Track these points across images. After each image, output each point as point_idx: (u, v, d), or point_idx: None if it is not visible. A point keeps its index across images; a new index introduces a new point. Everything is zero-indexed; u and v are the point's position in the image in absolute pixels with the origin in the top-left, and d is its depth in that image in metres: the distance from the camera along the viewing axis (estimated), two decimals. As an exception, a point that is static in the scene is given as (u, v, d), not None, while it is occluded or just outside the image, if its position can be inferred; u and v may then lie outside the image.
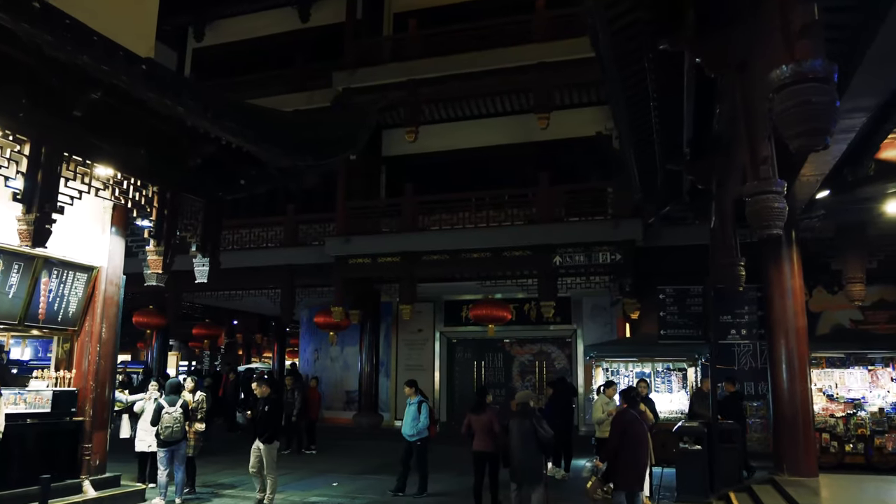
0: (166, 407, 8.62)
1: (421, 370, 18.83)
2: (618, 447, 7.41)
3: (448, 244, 15.34)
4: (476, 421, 8.96)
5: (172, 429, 8.50)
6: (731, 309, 9.71)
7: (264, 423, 8.72)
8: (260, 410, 8.79)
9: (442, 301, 19.02)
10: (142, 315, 18.74)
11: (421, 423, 9.84)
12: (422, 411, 9.95)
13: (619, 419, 7.68)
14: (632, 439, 7.35)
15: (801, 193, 8.38)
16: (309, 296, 17.80)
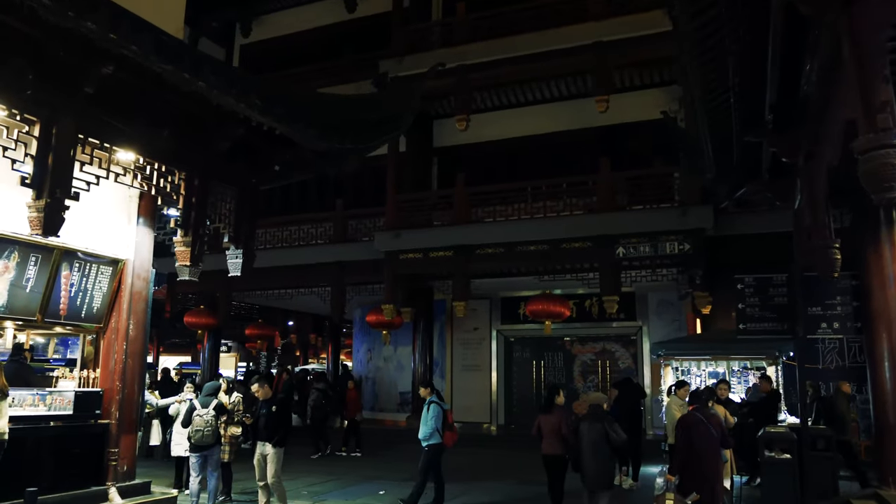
0: (198, 409, 8.06)
1: (477, 370, 18.04)
2: (686, 456, 6.60)
3: (502, 237, 14.49)
4: (545, 422, 8.43)
5: (203, 432, 7.93)
6: (822, 300, 8.57)
7: (274, 425, 8.00)
8: (264, 414, 8.08)
9: (498, 298, 18.17)
10: (193, 315, 18.48)
11: (427, 426, 8.96)
12: (430, 412, 9.00)
13: (682, 424, 6.88)
14: (696, 446, 6.56)
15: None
16: (359, 293, 17.21)
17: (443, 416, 8.97)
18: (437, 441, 8.95)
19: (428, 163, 17.68)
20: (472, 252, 14.80)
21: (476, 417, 17.65)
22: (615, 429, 7.16)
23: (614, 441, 7.08)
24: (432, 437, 8.92)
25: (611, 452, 7.23)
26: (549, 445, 8.34)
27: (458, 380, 18.15)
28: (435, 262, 15.22)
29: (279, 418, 8.07)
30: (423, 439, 9.02)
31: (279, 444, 8.01)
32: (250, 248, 8.60)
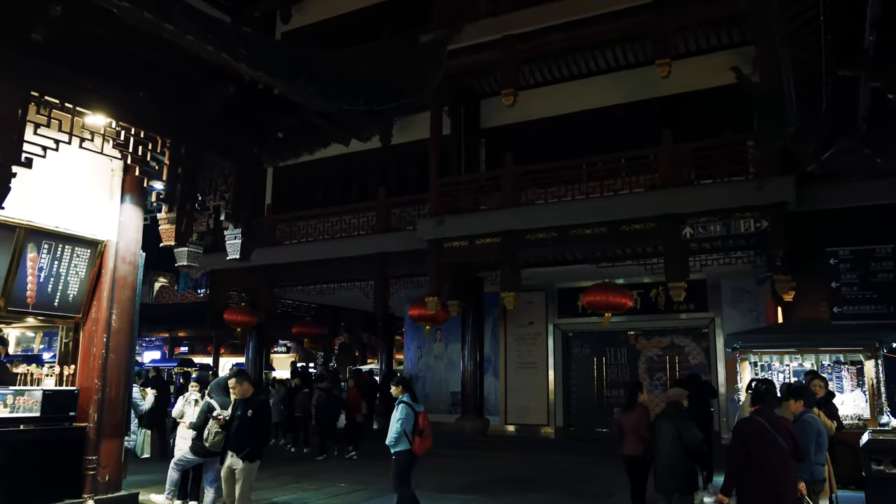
0: (217, 409, 7.05)
1: (533, 368, 16.69)
2: (741, 472, 5.22)
3: (555, 220, 13.12)
4: (626, 421, 7.95)
5: (223, 435, 6.91)
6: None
7: (246, 433, 6.56)
8: (238, 417, 6.63)
9: (555, 289, 16.76)
10: (233, 313, 17.75)
11: (393, 431, 7.61)
12: (398, 413, 7.65)
13: (738, 431, 5.51)
14: (756, 459, 5.16)
15: None
16: (404, 287, 16.10)
17: (414, 420, 7.62)
18: (404, 448, 7.61)
19: (475, 145, 16.43)
20: (522, 238, 13.48)
21: (532, 419, 16.31)
22: (689, 428, 6.80)
23: (687, 441, 6.68)
24: (399, 443, 7.59)
25: (685, 454, 6.78)
26: (629, 446, 7.81)
27: (513, 379, 16.83)
28: (482, 249, 13.96)
29: (256, 425, 6.65)
30: (389, 446, 7.76)
31: (251, 458, 6.58)
32: (251, 227, 7.56)
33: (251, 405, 6.66)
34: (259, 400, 6.89)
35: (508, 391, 16.75)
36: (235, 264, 17.99)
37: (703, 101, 13.96)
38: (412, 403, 7.71)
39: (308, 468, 12.70)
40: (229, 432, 6.75)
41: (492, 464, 13.10)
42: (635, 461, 7.80)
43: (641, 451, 7.66)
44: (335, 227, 16.87)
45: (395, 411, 7.68)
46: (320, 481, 11.11)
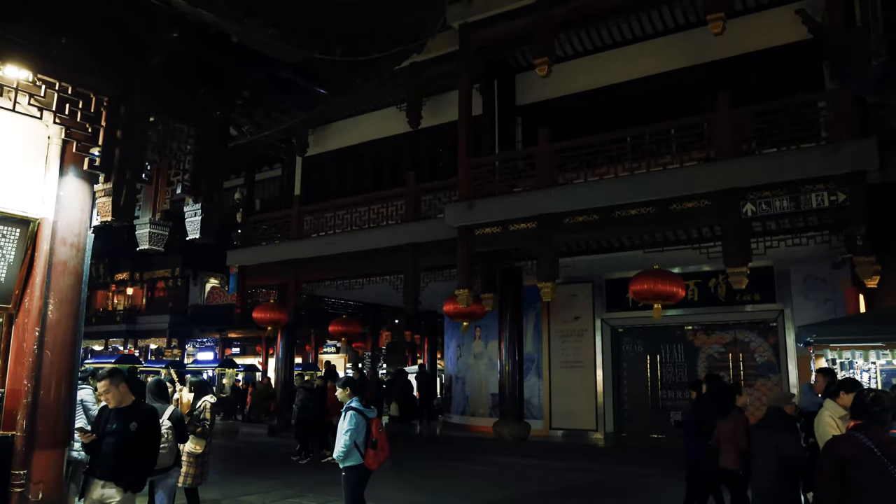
0: None
1: (579, 367, 15.25)
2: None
3: (596, 201, 11.67)
4: (722, 428, 7.03)
5: (167, 447, 5.81)
6: None
7: (129, 454, 5.05)
8: (114, 432, 5.05)
9: (602, 280, 15.29)
10: (261, 310, 16.82)
11: (342, 443, 6.37)
12: (344, 423, 6.43)
13: (829, 452, 3.83)
14: (859, 496, 3.54)
15: None
16: (436, 280, 14.85)
17: (366, 429, 6.41)
18: (355, 462, 6.40)
19: (510, 124, 15.08)
20: (560, 221, 12.07)
21: (579, 424, 14.86)
22: (789, 441, 5.82)
23: (784, 455, 5.68)
24: (349, 457, 6.38)
25: (784, 470, 5.73)
26: (725, 457, 6.90)
27: (557, 379, 15.40)
28: (516, 235, 12.60)
29: (139, 445, 5.05)
30: (338, 461, 6.53)
31: (135, 487, 5.10)
32: (213, 202, 6.43)
33: (135, 416, 5.11)
34: (145, 409, 5.27)
35: (553, 393, 15.35)
36: (264, 259, 17.36)
37: (762, 63, 12.38)
38: (363, 409, 6.48)
39: (316, 478, 11.60)
40: (97, 453, 5.18)
41: (531, 474, 11.75)
42: (731, 476, 6.90)
43: (738, 463, 6.70)
44: (363, 217, 15.77)
45: (342, 419, 6.45)
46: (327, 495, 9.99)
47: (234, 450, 15.09)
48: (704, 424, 7.57)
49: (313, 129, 18.04)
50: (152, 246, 6.83)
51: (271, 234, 17.53)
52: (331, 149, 18.41)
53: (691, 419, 8.35)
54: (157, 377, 6.55)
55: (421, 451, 14.30)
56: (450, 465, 12.66)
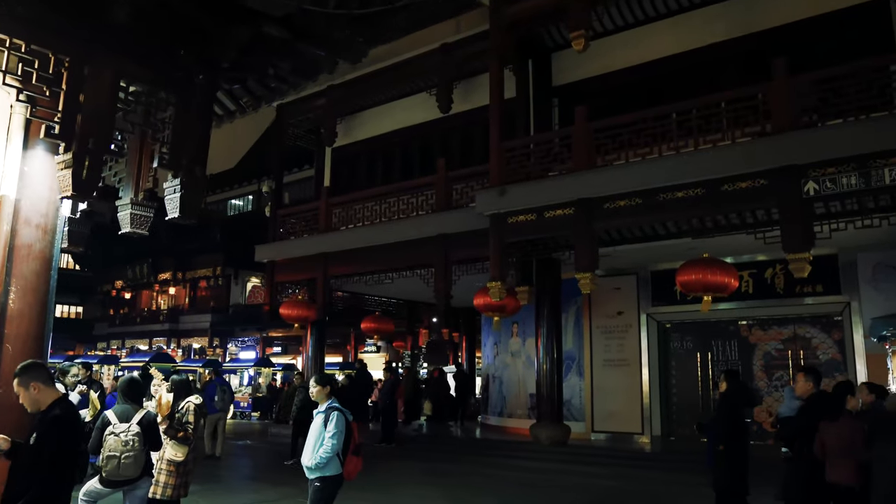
0: (114, 423, 5.24)
1: (623, 366, 14.22)
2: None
3: (638, 183, 10.66)
4: (830, 433, 5.75)
5: (121, 459, 5.08)
6: None
7: (26, 471, 3.78)
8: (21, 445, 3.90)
9: (647, 272, 14.24)
10: (289, 307, 16.19)
11: (324, 449, 5.41)
12: (331, 425, 5.46)
13: None
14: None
15: None
16: (468, 273, 13.99)
17: (348, 433, 5.53)
18: (334, 472, 5.47)
19: (546, 106, 14.14)
20: (599, 207, 11.10)
21: (623, 426, 13.83)
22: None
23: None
24: (329, 466, 5.44)
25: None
26: (835, 470, 5.73)
27: (600, 378, 14.40)
28: (552, 223, 11.65)
29: (41, 456, 3.78)
30: (313, 469, 5.50)
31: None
32: (197, 178, 5.71)
33: (40, 424, 3.90)
34: (51, 415, 3.87)
35: (595, 393, 14.36)
36: (292, 253, 16.74)
37: (818, 30, 11.24)
38: (344, 410, 5.61)
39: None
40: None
41: (569, 482, 10.81)
42: (844, 493, 5.72)
43: (854, 477, 5.64)
44: (392, 208, 15.00)
45: (325, 421, 5.51)
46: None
47: (255, 450, 14.49)
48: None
49: (342, 119, 17.36)
50: (135, 229, 6.15)
51: (300, 227, 16.91)
52: (360, 139, 17.73)
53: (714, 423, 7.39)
54: (130, 375, 5.82)
55: (453, 454, 13.48)
56: (482, 471, 11.81)
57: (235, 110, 7.42)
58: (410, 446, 14.89)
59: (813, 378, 6.16)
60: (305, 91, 17.18)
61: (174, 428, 5.59)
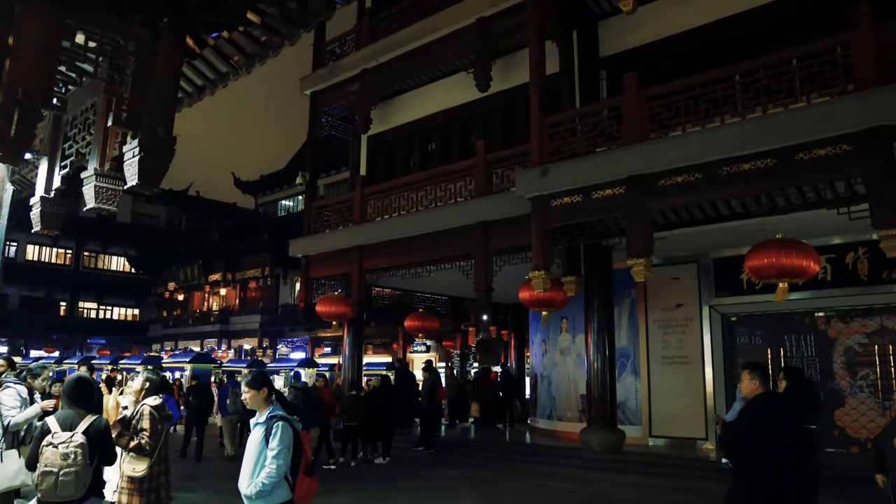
0: (55, 432, 4.32)
1: (684, 364, 12.89)
2: None
3: (698, 155, 9.39)
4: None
5: (59, 476, 4.16)
6: None
7: None
8: None
9: (709, 259, 12.88)
10: (325, 303, 15.34)
11: (268, 472, 4.09)
12: (274, 440, 4.16)
13: None
14: None
15: None
16: (510, 262, 12.87)
17: (298, 447, 4.27)
18: (283, 499, 4.19)
19: (593, 79, 12.94)
20: (654, 184, 9.86)
21: (684, 431, 12.51)
22: None
23: None
24: (275, 494, 4.14)
25: None
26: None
27: (658, 378, 13.10)
28: (600, 204, 10.45)
29: None
30: (253, 498, 4.15)
31: None
32: (161, 140, 4.78)
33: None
34: None
35: (652, 394, 13.07)
36: (327, 247, 15.85)
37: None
38: (291, 418, 4.31)
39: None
40: None
41: (623, 495, 9.63)
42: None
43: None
44: (429, 195, 13.98)
45: (267, 435, 4.19)
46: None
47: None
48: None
49: (376, 105, 16.44)
50: (101, 204, 5.28)
51: (335, 220, 16.06)
52: (395, 125, 16.82)
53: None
54: (76, 374, 4.91)
55: (497, 460, 12.42)
56: (527, 481, 10.70)
57: (228, 71, 6.51)
58: (452, 451, 13.86)
59: (759, 376, 5.28)
60: (338, 77, 16.40)
61: (124, 435, 4.68)
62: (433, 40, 14.50)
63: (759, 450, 4.91)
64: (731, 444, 5.31)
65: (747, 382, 5.28)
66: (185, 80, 6.73)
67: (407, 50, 14.99)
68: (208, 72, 6.59)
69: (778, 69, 9.09)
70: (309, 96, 17.31)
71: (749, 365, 5.49)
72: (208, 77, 6.67)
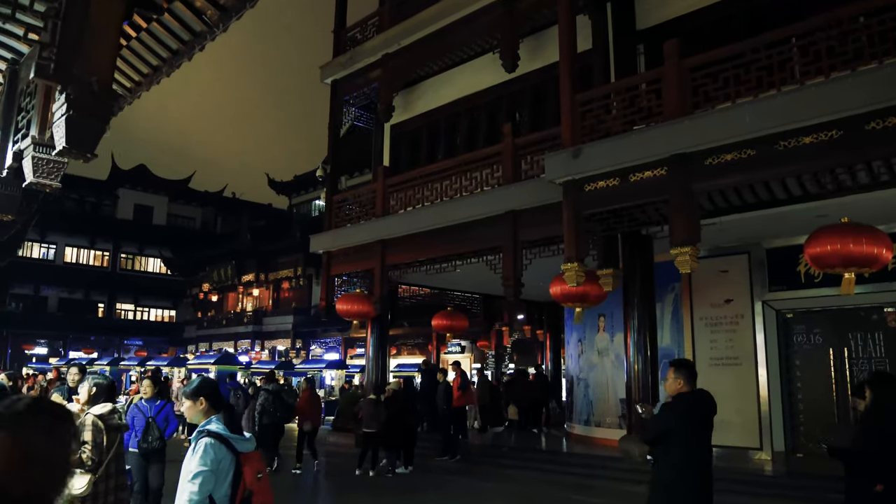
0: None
1: (734, 365, 11.72)
2: None
3: (750, 128, 8.25)
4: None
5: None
6: None
7: None
8: None
9: (762, 249, 11.69)
10: (346, 301, 14.52)
11: (183, 498, 3.12)
12: (194, 460, 3.21)
13: None
14: None
15: None
16: (540, 255, 11.86)
17: (232, 472, 3.27)
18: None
19: (629, 54, 11.83)
20: (699, 163, 8.77)
21: (735, 439, 11.32)
22: None
23: None
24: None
25: None
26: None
27: (705, 381, 11.75)
28: (639, 188, 9.37)
29: None
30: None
31: None
32: (92, 94, 3.94)
33: None
34: None
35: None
36: (348, 242, 14.98)
37: None
38: (229, 436, 3.37)
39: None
40: None
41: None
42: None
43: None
44: (454, 185, 13.05)
45: (190, 453, 3.30)
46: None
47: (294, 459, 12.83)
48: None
49: (399, 92, 15.55)
50: (40, 178, 4.54)
51: (356, 213, 15.22)
52: (419, 112, 15.91)
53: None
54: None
55: (529, 470, 11.42)
56: (560, 494, 9.67)
57: (203, 31, 5.68)
58: (481, 459, 12.89)
59: (685, 374, 5.02)
60: (359, 63, 15.58)
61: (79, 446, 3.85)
62: (457, 20, 13.58)
63: (673, 452, 4.78)
64: (650, 441, 5.11)
65: (672, 381, 5.01)
66: (159, 45, 5.94)
67: (430, 31, 14.09)
68: (182, 32, 5.77)
69: (842, 28, 7.93)
70: (329, 85, 16.52)
71: (675, 362, 5.29)
72: (183, 39, 5.84)
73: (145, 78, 6.25)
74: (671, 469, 4.79)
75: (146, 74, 6.27)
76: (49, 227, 42.84)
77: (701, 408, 4.98)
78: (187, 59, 6.20)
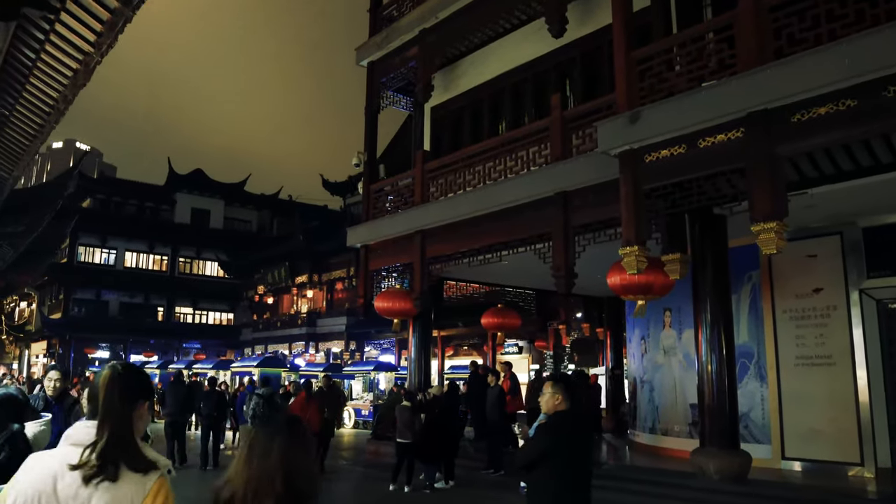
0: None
1: (826, 365, 10.03)
2: None
3: (850, 73, 6.69)
4: None
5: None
6: None
7: None
8: None
9: (857, 229, 9.97)
10: (385, 298, 13.40)
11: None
12: None
13: None
14: None
15: None
16: (594, 242, 10.42)
17: None
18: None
19: (693, 12, 10.24)
20: (785, 120, 7.24)
21: (829, 452, 9.65)
22: None
23: None
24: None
25: None
26: None
27: (791, 383, 10.25)
28: (710, 155, 7.89)
29: None
30: None
31: None
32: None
33: None
34: None
35: (784, 404, 10.24)
36: (386, 233, 13.73)
37: None
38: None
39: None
40: None
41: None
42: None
43: None
44: (497, 166, 11.74)
45: None
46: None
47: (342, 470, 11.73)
48: None
49: (438, 72, 14.30)
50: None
51: (395, 202, 14.07)
52: (461, 91, 14.63)
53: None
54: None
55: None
56: None
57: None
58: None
59: (562, 390, 4.52)
60: (395, 42, 14.45)
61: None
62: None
63: (549, 477, 4.32)
64: (523, 466, 4.55)
65: (549, 397, 4.51)
66: None
67: (467, 2, 12.82)
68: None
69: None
70: (365, 67, 15.42)
71: (552, 377, 5.07)
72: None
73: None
74: (548, 496, 4.30)
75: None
76: (109, 232, 43.38)
77: (580, 427, 4.57)
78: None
